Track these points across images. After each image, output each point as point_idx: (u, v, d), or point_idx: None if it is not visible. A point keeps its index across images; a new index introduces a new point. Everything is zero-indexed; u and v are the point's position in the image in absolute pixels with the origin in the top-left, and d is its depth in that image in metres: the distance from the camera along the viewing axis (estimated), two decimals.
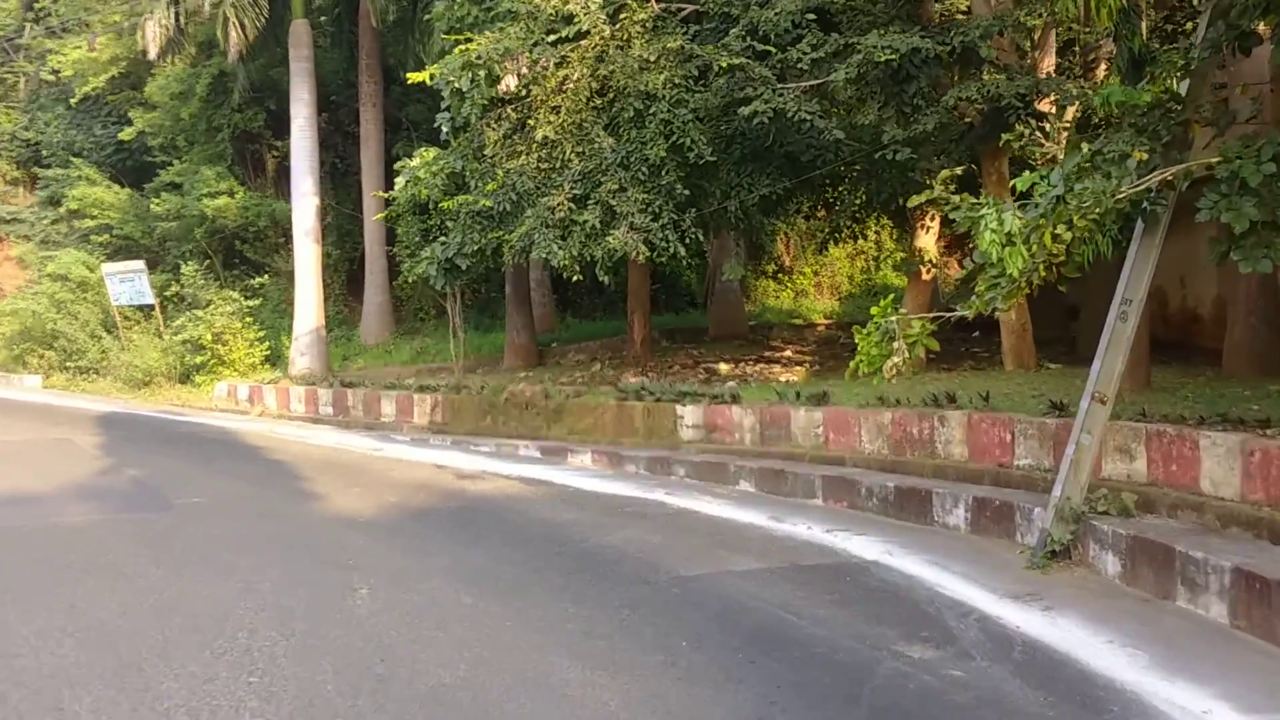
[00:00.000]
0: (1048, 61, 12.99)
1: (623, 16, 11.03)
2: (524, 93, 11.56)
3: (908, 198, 6.27)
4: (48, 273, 23.69)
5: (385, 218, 16.37)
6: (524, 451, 11.35)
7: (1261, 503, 5.49)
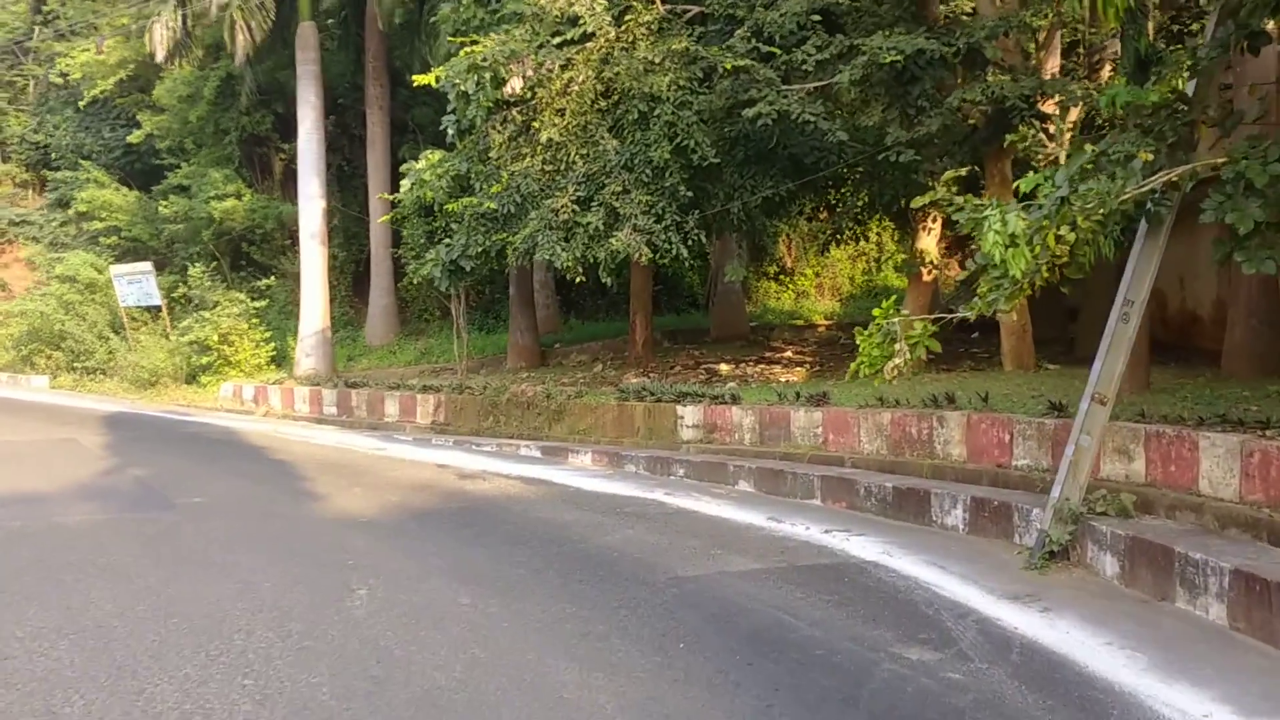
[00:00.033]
0: (1052, 63, 12.96)
1: (628, 18, 11.03)
2: (529, 95, 11.58)
3: (910, 199, 6.26)
4: (56, 274, 23.84)
5: (390, 220, 16.40)
6: (525, 451, 11.35)
7: (1261, 504, 5.46)
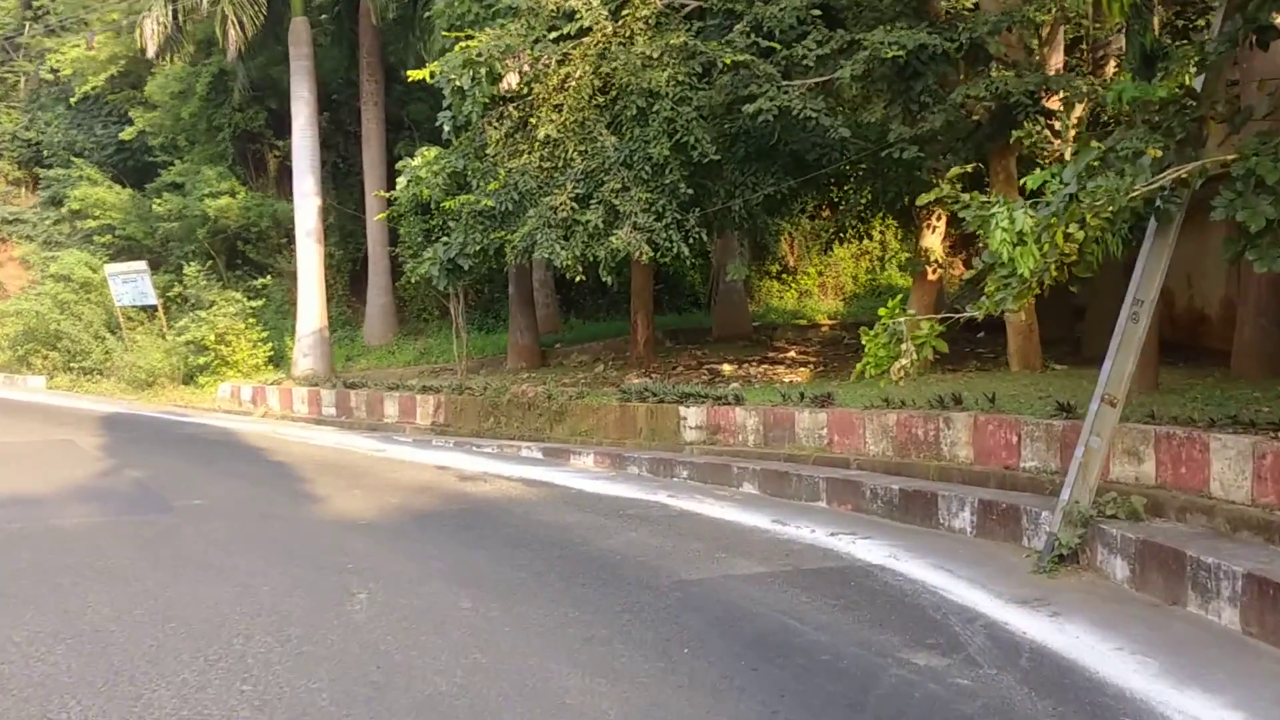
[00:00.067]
0: (1055, 59, 12.87)
1: (625, 13, 10.93)
2: (526, 91, 11.48)
3: (914, 197, 6.21)
4: (50, 273, 23.71)
5: (387, 218, 16.31)
6: (526, 453, 11.27)
7: (1273, 506, 5.40)
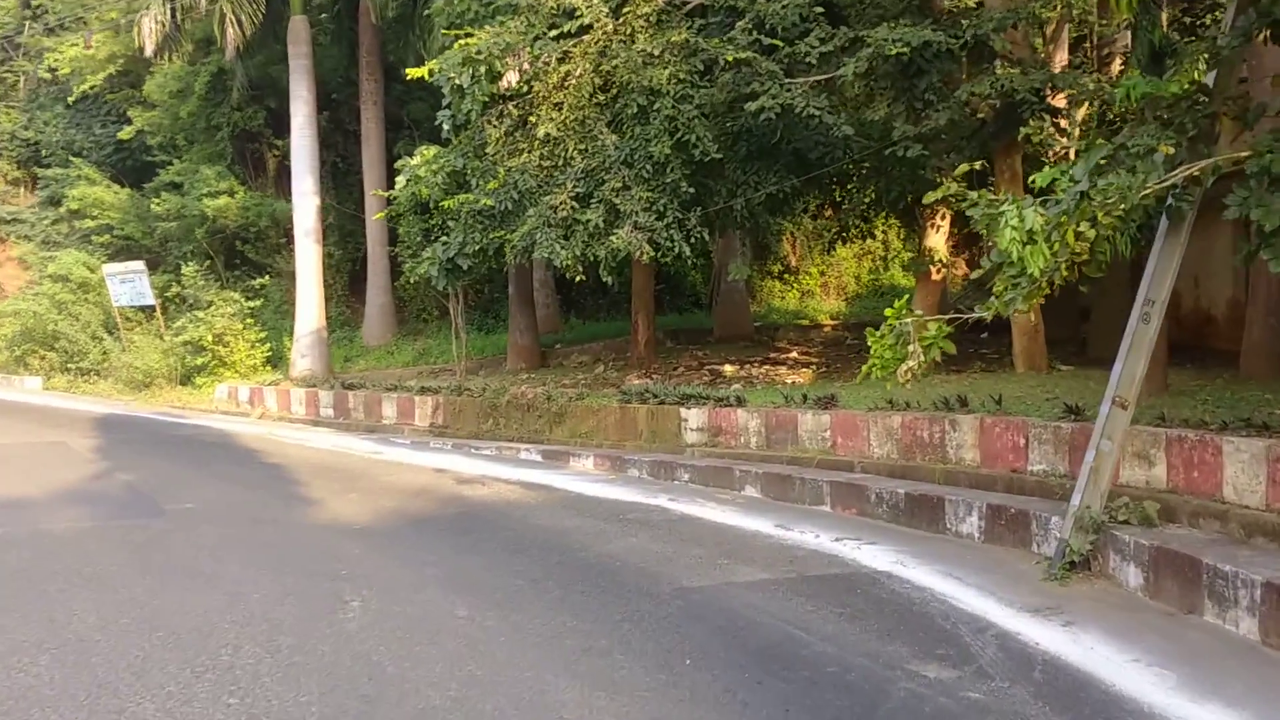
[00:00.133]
0: (1060, 56, 12.77)
1: (626, 10, 10.80)
2: (525, 89, 11.36)
3: (917, 196, 6.07)
4: (48, 273, 23.57)
5: (386, 217, 16.18)
6: (525, 455, 11.13)
7: None
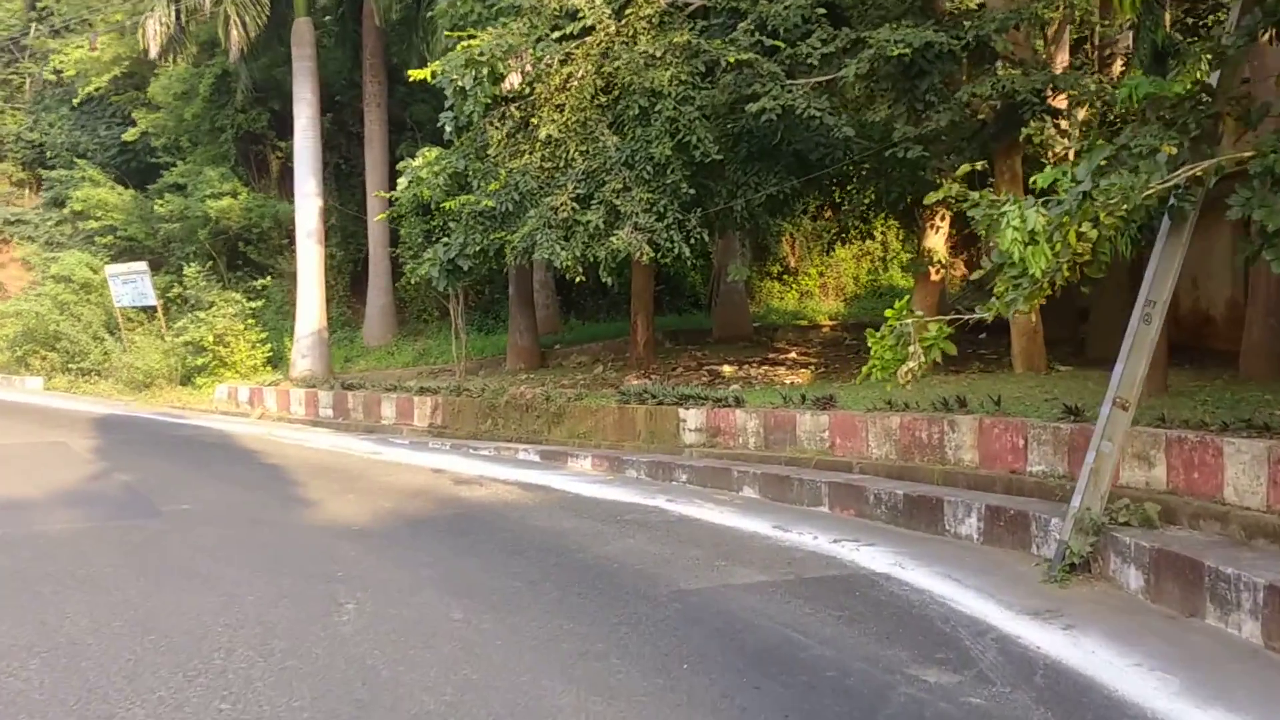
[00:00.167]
0: (1061, 58, 12.71)
1: (628, 11, 10.77)
2: (527, 90, 11.34)
3: (917, 197, 6.03)
4: (51, 274, 23.58)
5: (388, 218, 16.15)
6: (524, 455, 11.10)
7: None
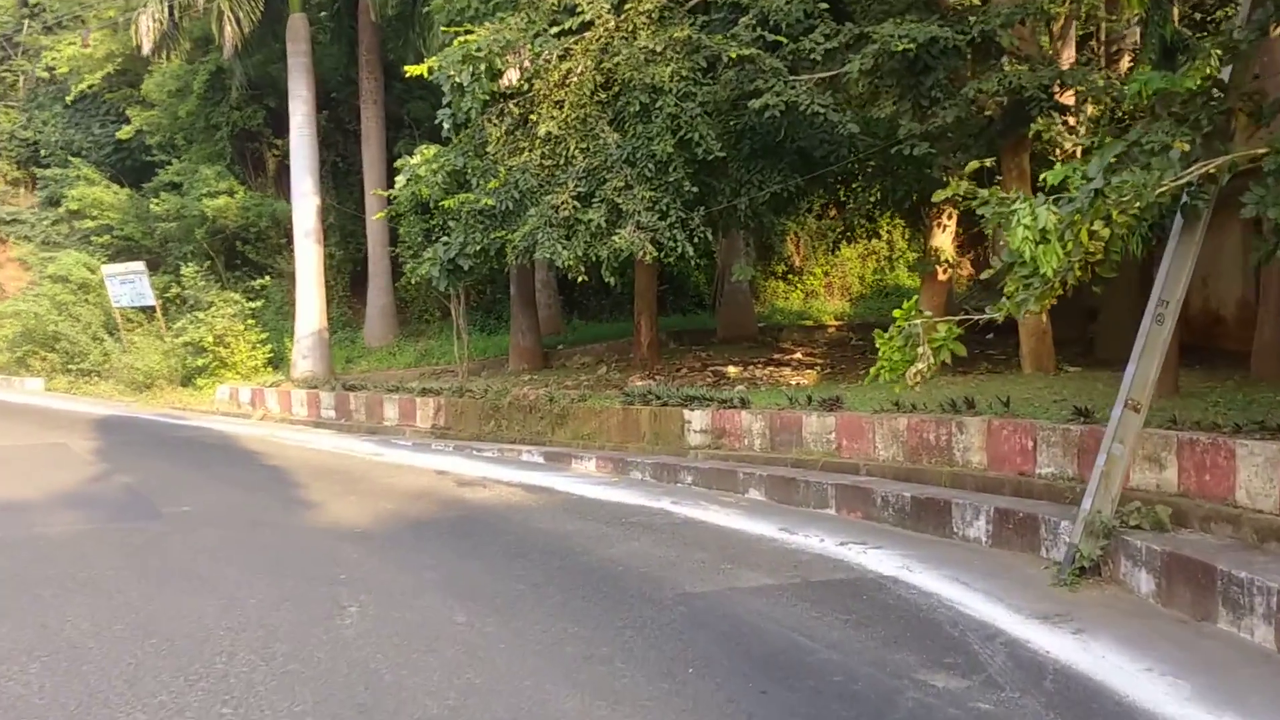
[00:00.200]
0: (1067, 54, 12.64)
1: (628, 6, 10.67)
2: (526, 87, 11.25)
3: (923, 195, 5.96)
4: (48, 274, 23.46)
5: (387, 217, 16.07)
6: (527, 457, 11.03)
7: None
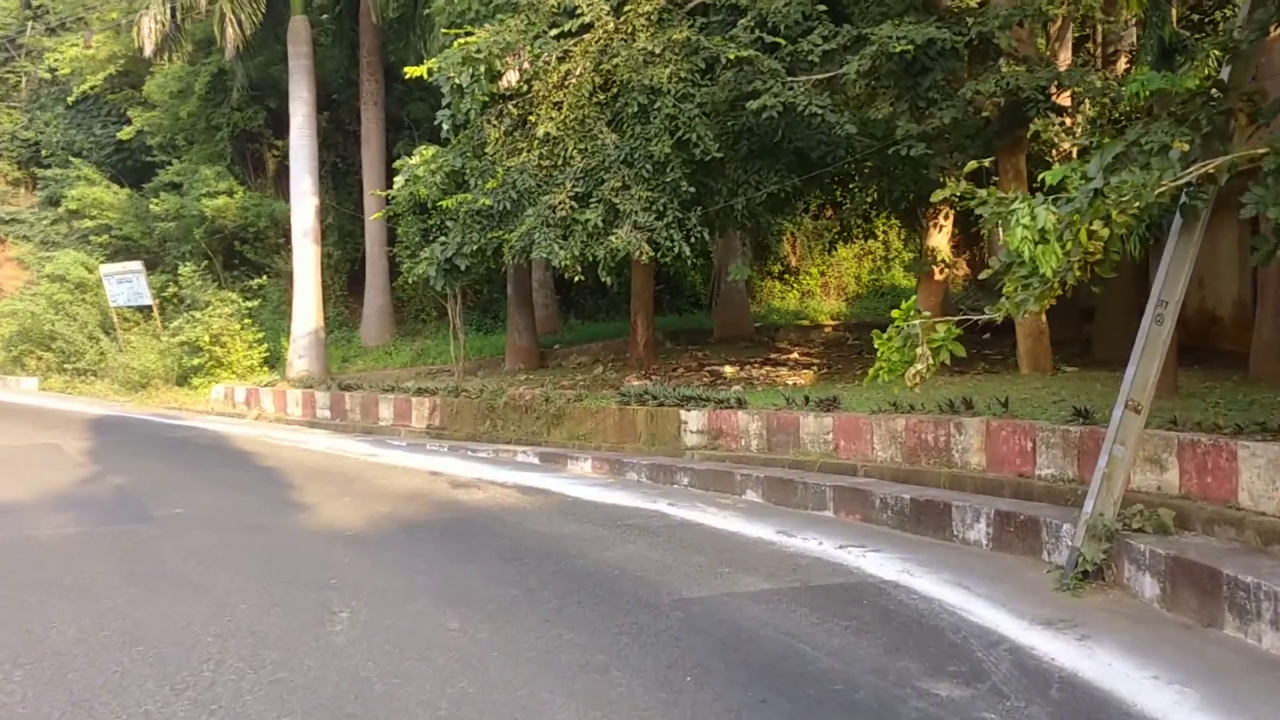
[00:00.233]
0: (1064, 56, 12.60)
1: (627, 8, 10.62)
2: (525, 88, 11.21)
3: (920, 196, 5.90)
4: (46, 273, 23.39)
5: (385, 217, 16.01)
6: (522, 457, 10.96)
7: None
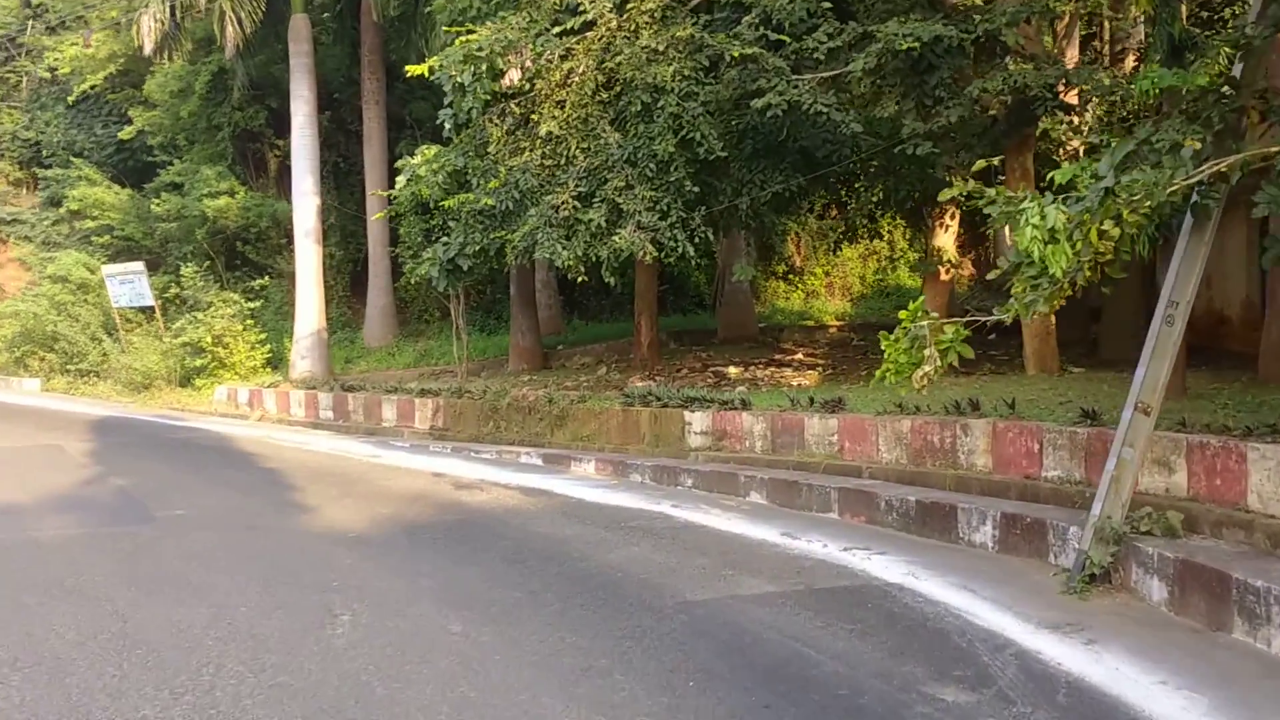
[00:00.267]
0: (1071, 54, 12.53)
1: (630, 5, 10.56)
2: (527, 87, 11.16)
3: (926, 195, 5.84)
4: (48, 274, 23.38)
5: (387, 217, 15.96)
6: (526, 459, 10.91)
7: None
